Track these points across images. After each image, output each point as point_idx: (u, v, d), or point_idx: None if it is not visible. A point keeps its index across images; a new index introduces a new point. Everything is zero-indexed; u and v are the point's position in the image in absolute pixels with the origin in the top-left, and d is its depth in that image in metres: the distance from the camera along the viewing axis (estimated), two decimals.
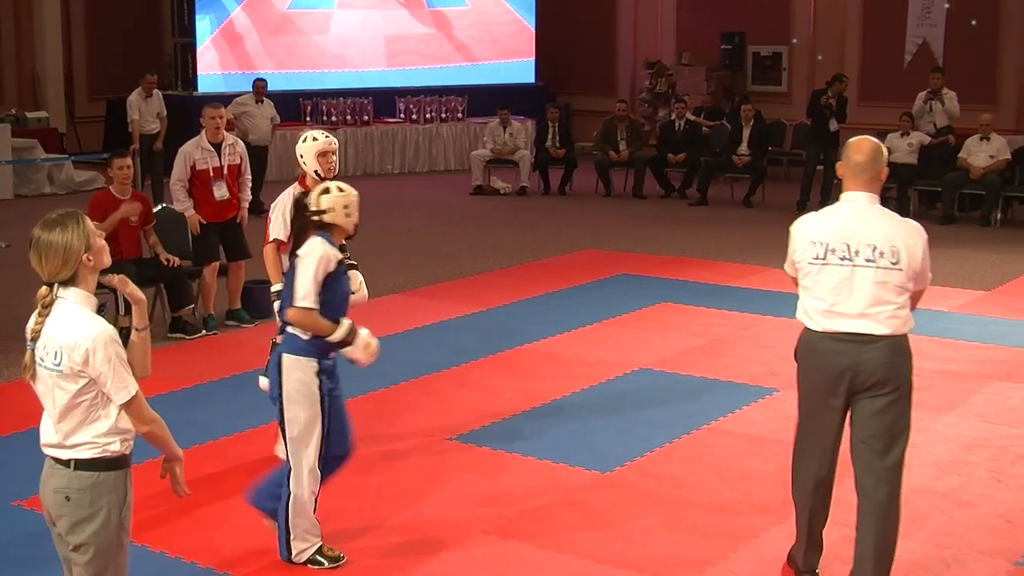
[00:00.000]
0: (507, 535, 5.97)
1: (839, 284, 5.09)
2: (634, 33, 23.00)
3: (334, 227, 5.56)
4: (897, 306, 5.09)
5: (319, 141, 6.77)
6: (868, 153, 5.19)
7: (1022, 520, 6.20)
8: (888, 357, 5.09)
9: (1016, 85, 19.36)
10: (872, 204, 5.17)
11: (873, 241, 5.08)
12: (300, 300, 5.42)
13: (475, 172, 18.15)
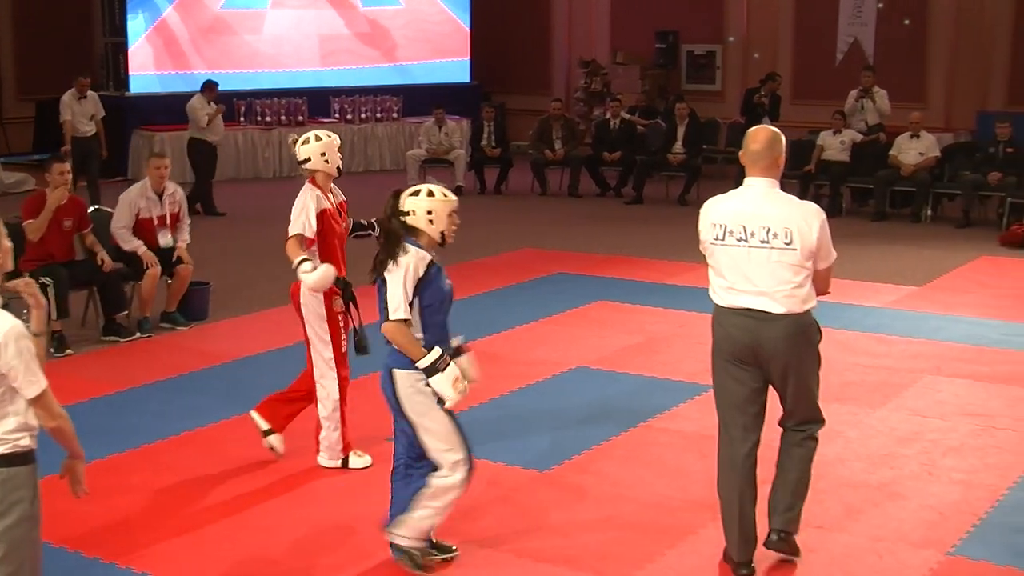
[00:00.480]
0: (446, 535, 5.95)
1: (736, 263, 5.38)
2: (569, 32, 23.05)
3: (419, 231, 5.41)
4: (794, 285, 5.31)
5: (333, 137, 6.83)
6: (763, 142, 5.46)
7: (953, 512, 6.28)
8: (789, 334, 5.33)
9: (944, 84, 19.62)
10: (770, 189, 5.43)
11: (767, 223, 5.32)
12: (392, 313, 5.28)
13: (410, 172, 18.12)
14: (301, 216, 6.66)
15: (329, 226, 6.75)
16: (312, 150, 6.76)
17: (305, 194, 6.72)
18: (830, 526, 6.11)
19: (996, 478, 6.74)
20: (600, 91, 21.16)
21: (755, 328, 5.34)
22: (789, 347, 5.33)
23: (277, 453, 7.00)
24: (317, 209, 6.67)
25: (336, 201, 6.90)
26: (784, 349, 5.33)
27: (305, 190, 6.75)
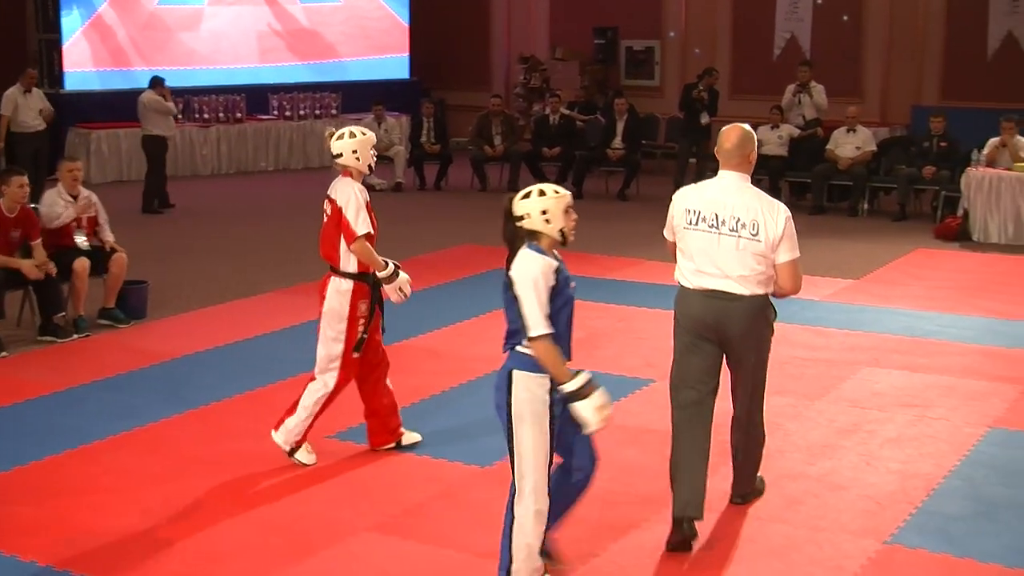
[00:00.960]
0: (388, 532, 5.96)
1: (706, 248, 5.80)
2: (508, 28, 23.06)
3: (538, 234, 5.23)
4: (756, 272, 5.76)
5: (368, 135, 6.86)
6: (736, 140, 5.89)
7: (891, 501, 6.35)
8: (749, 315, 5.80)
9: (880, 79, 19.82)
10: (741, 182, 5.86)
11: (737, 214, 5.76)
12: (533, 330, 5.05)
13: None
14: (360, 215, 6.71)
15: (371, 219, 6.82)
16: (345, 146, 6.78)
17: (352, 189, 6.76)
18: (770, 517, 6.16)
19: (932, 467, 6.83)
20: (539, 87, 21.18)
21: (720, 308, 5.77)
22: (750, 326, 5.82)
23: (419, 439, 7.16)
24: (366, 203, 6.74)
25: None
26: (745, 328, 5.81)
27: (348, 185, 6.79)
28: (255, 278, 11.67)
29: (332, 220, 6.81)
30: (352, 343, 6.82)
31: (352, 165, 6.80)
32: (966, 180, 14.31)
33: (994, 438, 7.34)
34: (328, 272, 6.89)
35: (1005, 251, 13.41)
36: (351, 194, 6.73)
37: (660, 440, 7.19)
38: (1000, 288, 11.60)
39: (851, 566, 5.61)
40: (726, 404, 6.12)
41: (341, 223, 6.74)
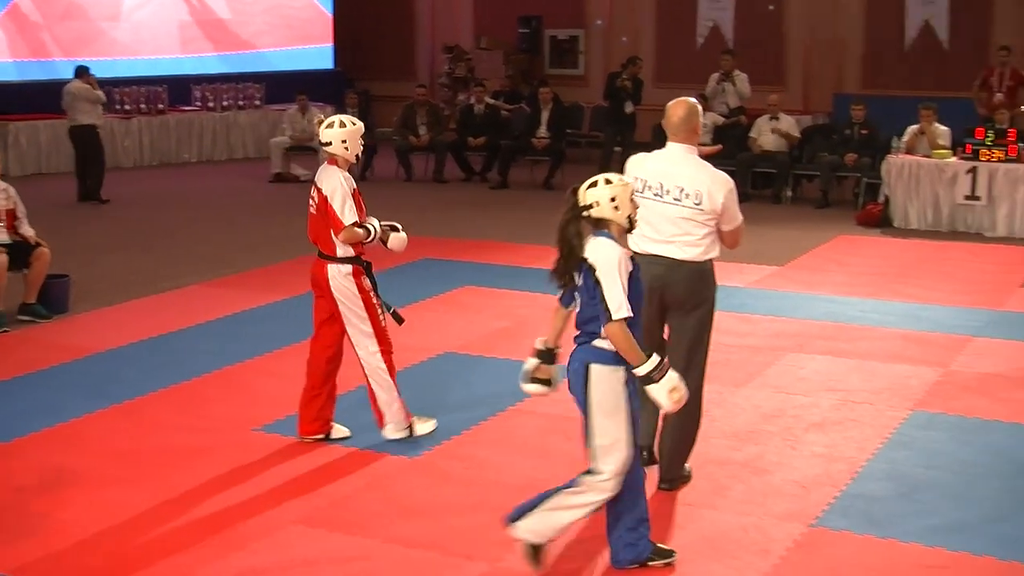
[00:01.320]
0: (315, 524, 5.93)
1: (649, 215, 6.00)
2: (432, 18, 23.00)
3: (608, 222, 5.25)
4: (698, 237, 6.08)
5: (357, 125, 6.97)
6: (682, 114, 6.17)
7: (816, 485, 6.41)
8: (690, 279, 6.12)
9: (802, 67, 20.02)
10: (687, 154, 6.15)
11: (681, 184, 6.06)
12: (616, 312, 5.07)
13: (274, 160, 17.95)
14: (346, 204, 6.80)
15: (358, 206, 6.90)
16: (334, 135, 6.87)
17: (337, 179, 6.85)
18: (698, 503, 6.20)
19: (855, 451, 6.91)
20: (464, 76, 21.15)
21: (662, 273, 6.06)
22: (691, 289, 6.13)
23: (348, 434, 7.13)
24: (352, 190, 6.85)
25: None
26: (686, 291, 6.12)
27: (334, 174, 6.87)
28: (178, 271, 11.55)
29: (320, 209, 6.90)
30: (375, 314, 6.97)
31: (340, 154, 6.89)
32: (887, 167, 14.49)
33: (915, 421, 7.44)
34: (320, 259, 7.00)
35: (925, 237, 13.60)
36: (336, 184, 6.82)
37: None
38: (920, 273, 11.76)
39: (777, 549, 5.66)
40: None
41: (328, 212, 6.82)
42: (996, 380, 8.30)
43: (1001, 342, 9.26)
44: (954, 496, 6.30)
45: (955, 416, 7.52)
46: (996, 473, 6.62)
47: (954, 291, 10.92)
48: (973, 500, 6.25)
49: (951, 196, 14.10)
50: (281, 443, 7.03)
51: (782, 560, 5.56)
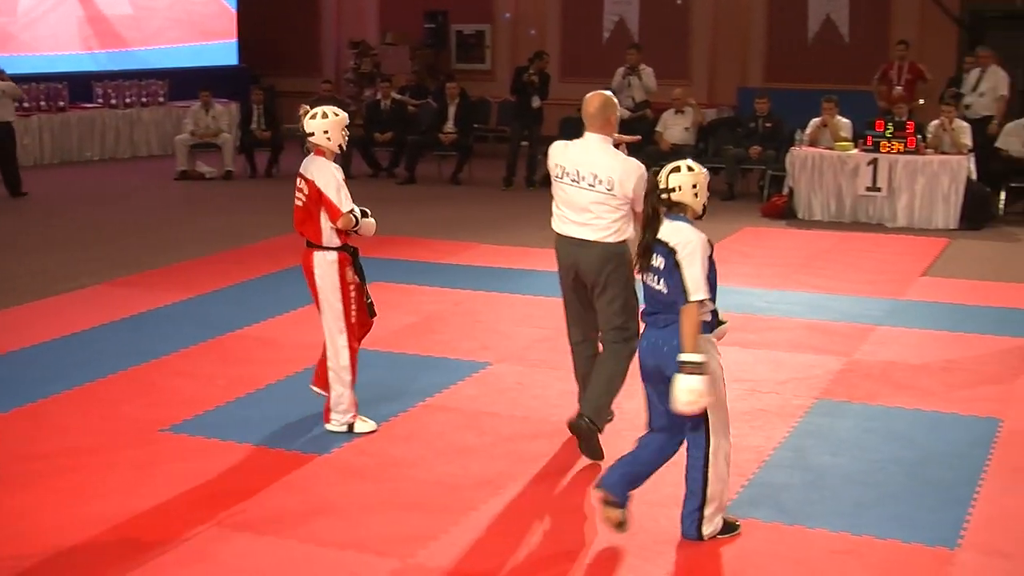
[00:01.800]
0: (226, 525, 5.87)
1: (567, 199, 6.60)
2: (337, 13, 22.89)
3: (686, 207, 5.52)
4: (609, 221, 6.49)
5: (340, 116, 7.09)
6: (597, 105, 6.57)
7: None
8: (600, 258, 6.53)
9: (707, 61, 20.20)
10: (602, 143, 6.55)
11: (595, 171, 6.48)
12: (695, 294, 5.35)
13: (179, 157, 17.75)
14: (341, 192, 6.95)
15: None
16: (317, 126, 6.99)
17: (329, 170, 6.98)
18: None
19: (762, 440, 6.99)
20: (370, 72, 21.04)
21: (576, 252, 6.59)
22: (601, 268, 6.53)
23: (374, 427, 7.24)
24: (342, 179, 7.00)
25: None
26: (597, 269, 6.54)
27: (324, 166, 7.00)
28: (82, 271, 11.37)
29: (311, 199, 6.99)
30: (348, 307, 7.08)
31: (324, 145, 7.01)
32: (790, 159, 14.70)
33: (820, 409, 7.55)
34: (308, 248, 7.09)
35: (828, 228, 13.80)
36: (329, 175, 6.96)
37: (496, 423, 7.26)
38: (824, 264, 11.93)
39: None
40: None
41: (322, 202, 6.95)
42: (898, 368, 8.45)
43: (903, 330, 9.43)
44: (859, 482, 6.41)
45: (859, 404, 7.65)
46: (899, 459, 6.75)
47: (857, 281, 11.09)
48: (877, 485, 6.37)
49: (853, 187, 14.33)
50: (190, 444, 6.95)
51: (693, 548, 5.61)
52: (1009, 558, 5.54)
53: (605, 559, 5.52)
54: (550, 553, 5.60)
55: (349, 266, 7.10)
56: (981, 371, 8.41)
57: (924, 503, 6.15)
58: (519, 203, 15.48)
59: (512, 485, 6.33)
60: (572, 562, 5.49)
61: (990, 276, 11.50)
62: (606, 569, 5.42)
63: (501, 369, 8.36)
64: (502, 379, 8.13)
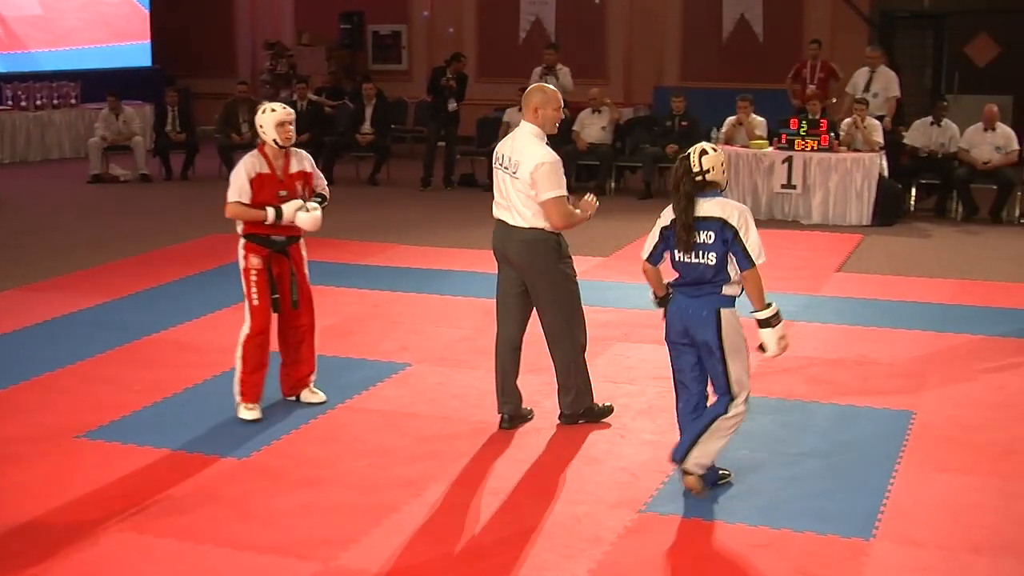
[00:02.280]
0: (144, 530, 5.80)
1: (499, 185, 6.99)
2: (252, 14, 22.74)
3: (717, 184, 6.02)
4: (528, 206, 6.82)
5: (277, 112, 7.29)
6: (526, 94, 6.95)
7: (644, 472, 6.52)
8: (521, 244, 6.87)
9: (623, 60, 20.31)
10: (527, 132, 6.86)
11: (517, 158, 6.81)
12: (757, 258, 5.97)
13: (92, 160, 17.52)
14: (234, 184, 7.23)
15: (265, 190, 7.22)
16: (256, 119, 7.33)
17: (242, 162, 7.29)
18: (528, 494, 6.24)
19: None
20: (286, 73, 20.94)
21: (503, 235, 6.97)
22: (527, 255, 6.87)
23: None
24: (250, 175, 7.19)
25: (288, 170, 7.37)
26: (524, 256, 6.89)
27: (244, 157, 7.32)
28: None
29: None
30: (250, 295, 7.29)
31: (262, 138, 7.30)
32: None
33: None
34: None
35: None
36: (238, 167, 7.30)
37: (416, 424, 7.24)
38: None
39: (608, 536, 5.74)
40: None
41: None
42: (814, 363, 8.55)
43: (819, 326, 9.54)
44: (776, 476, 6.47)
45: (775, 399, 7.72)
46: (815, 452, 6.83)
47: (773, 277, 11.09)
48: (794, 479, 6.44)
49: (768, 185, 14.49)
50: (106, 449, 6.86)
51: (613, 547, 5.64)
52: (922, 547, 5.63)
53: (526, 557, 5.52)
54: (471, 553, 5.60)
55: (254, 254, 7.28)
56: (894, 365, 8.54)
57: (840, 496, 6.23)
58: (437, 204, 15.46)
59: (433, 486, 6.32)
60: (493, 560, 5.49)
61: (902, 271, 11.69)
62: (528, 568, 5.43)
63: (421, 370, 8.34)
64: (422, 380, 8.12)
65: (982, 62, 19.33)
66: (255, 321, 7.30)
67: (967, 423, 7.34)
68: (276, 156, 7.30)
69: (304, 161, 7.50)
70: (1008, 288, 10.96)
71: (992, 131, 14.56)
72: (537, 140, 6.84)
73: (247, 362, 7.29)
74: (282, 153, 7.32)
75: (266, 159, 7.28)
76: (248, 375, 7.31)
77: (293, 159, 7.40)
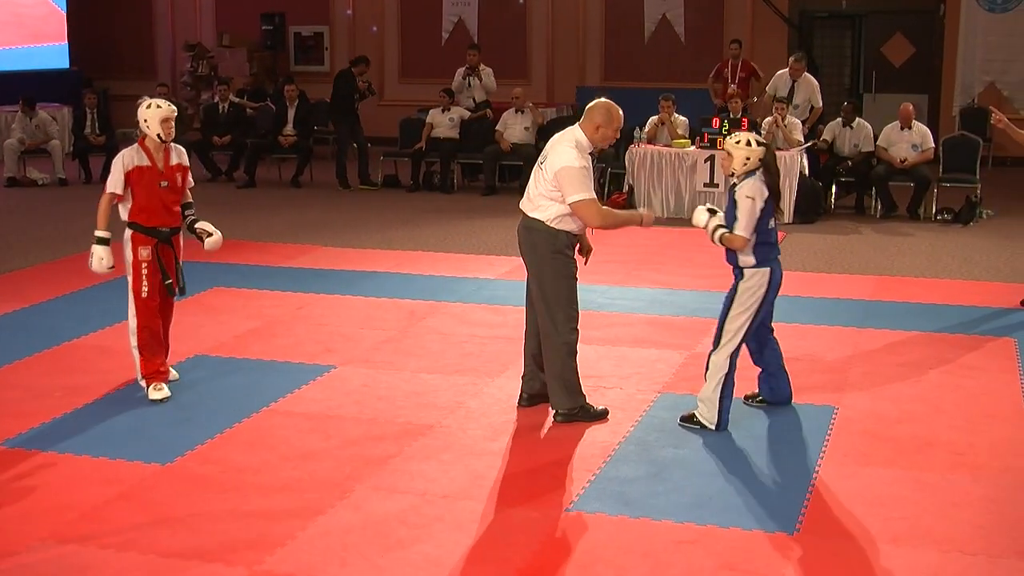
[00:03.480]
0: (65, 539, 5.72)
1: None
2: (172, 15, 22.53)
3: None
4: (536, 195, 7.15)
5: (162, 108, 7.51)
6: (594, 111, 7.28)
7: (571, 470, 6.53)
8: (524, 229, 7.25)
9: (545, 61, 20.37)
10: (571, 135, 7.19)
11: (551, 154, 7.11)
12: (739, 230, 7.03)
13: (8, 163, 17.26)
14: (111, 176, 7.52)
15: (145, 182, 7.51)
16: (140, 113, 7.53)
17: (120, 155, 7.54)
18: (456, 495, 6.24)
19: (608, 435, 7.07)
20: (207, 75, 20.79)
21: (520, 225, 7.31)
22: (525, 238, 7.24)
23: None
24: (127, 168, 7.47)
25: (169, 162, 7.63)
26: (522, 238, 7.28)
27: (123, 151, 7.57)
28: None
29: None
30: (137, 284, 7.61)
31: (143, 131, 7.52)
32: (629, 157, 14.90)
33: (664, 403, 7.67)
34: None
35: (668, 224, 14.00)
36: (116, 158, 7.57)
37: (342, 426, 7.21)
38: (664, 260, 12.12)
39: (536, 535, 5.74)
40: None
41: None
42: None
43: None
44: (702, 473, 6.52)
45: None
46: (740, 449, 6.89)
47: (696, 276, 11.29)
48: (720, 476, 6.49)
49: (691, 184, 14.60)
50: (25, 457, 6.75)
51: (541, 545, 5.65)
52: (846, 539, 5.70)
53: (453, 557, 5.52)
54: (397, 556, 5.58)
55: (142, 245, 7.58)
56: (816, 360, 8.64)
57: (764, 491, 6.29)
58: (360, 205, 15.42)
59: (359, 488, 6.30)
60: (421, 561, 5.48)
61: (823, 268, 11.82)
62: (456, 568, 5.42)
63: (346, 372, 8.31)
64: (347, 382, 8.08)
65: (898, 62, 19.61)
66: (144, 312, 7.66)
67: (887, 417, 7.44)
68: (157, 149, 7.57)
69: (183, 155, 7.77)
70: (925, 284, 11.13)
71: (908, 129, 14.76)
72: (574, 146, 7.07)
73: (145, 351, 7.69)
74: (162, 147, 7.58)
75: (146, 152, 7.55)
76: (149, 361, 7.70)
77: (173, 152, 7.68)
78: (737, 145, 7.07)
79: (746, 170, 7.05)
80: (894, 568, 5.43)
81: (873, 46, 19.73)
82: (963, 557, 5.54)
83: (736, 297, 7.12)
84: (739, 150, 7.05)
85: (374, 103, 18.64)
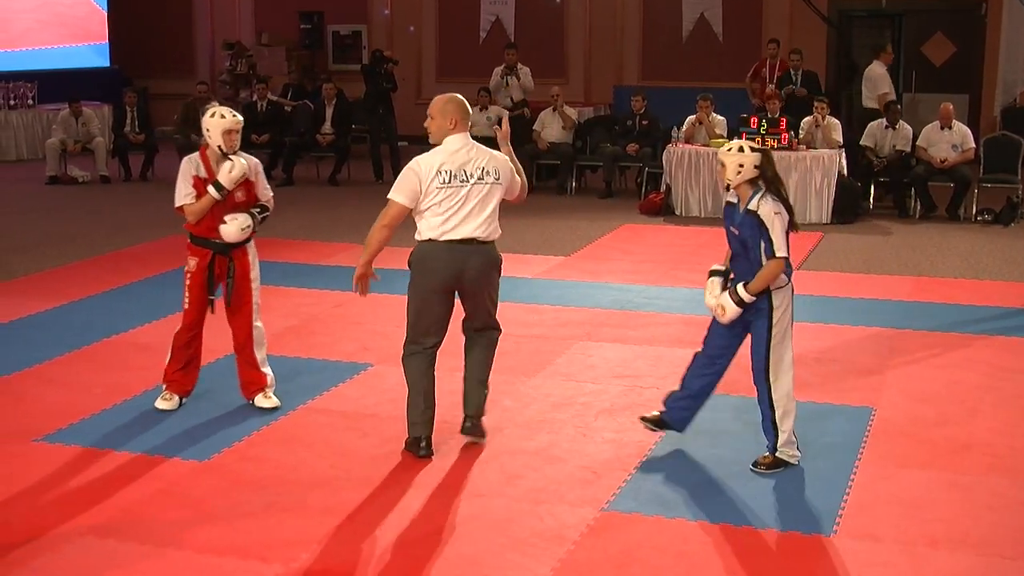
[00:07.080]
0: (105, 534, 5.77)
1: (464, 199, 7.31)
2: (211, 14, 22.64)
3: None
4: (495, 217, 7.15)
5: (226, 119, 7.21)
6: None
7: (607, 470, 6.54)
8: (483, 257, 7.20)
9: (583, 60, 20.36)
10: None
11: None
12: (780, 251, 6.37)
13: (50, 161, 17.39)
14: (179, 187, 7.30)
15: (199, 193, 7.25)
16: (204, 122, 7.26)
17: (183, 167, 7.30)
18: (490, 493, 6.25)
19: (644, 435, 7.06)
20: (246, 73, 20.87)
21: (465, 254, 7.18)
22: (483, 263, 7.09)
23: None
24: (191, 177, 7.22)
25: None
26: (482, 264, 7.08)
27: (183, 161, 7.33)
28: None
29: None
30: (185, 294, 7.46)
31: (206, 140, 7.24)
32: (667, 156, 14.87)
33: None
34: None
35: (705, 223, 13.97)
36: (180, 170, 7.31)
37: (378, 424, 7.23)
38: (701, 259, 12.03)
39: (571, 535, 5.75)
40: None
41: None
42: None
43: None
44: (738, 473, 6.50)
45: (737, 396, 7.73)
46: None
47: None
48: (755, 476, 6.46)
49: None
50: (66, 453, 6.81)
51: (576, 545, 5.65)
52: (880, 542, 5.68)
53: (490, 556, 5.53)
54: (433, 552, 5.60)
55: (192, 255, 7.41)
56: (854, 361, 8.60)
57: (801, 492, 6.27)
58: None
59: (395, 486, 6.32)
60: (456, 559, 5.49)
61: (860, 268, 11.76)
62: (491, 567, 5.43)
63: (382, 370, 8.33)
64: (383, 380, 8.10)
65: (939, 61, 19.49)
66: (185, 319, 7.50)
67: (925, 419, 7.40)
68: (217, 161, 7.24)
69: (250, 170, 7.39)
70: (964, 284, 11.05)
71: (948, 129, 14.66)
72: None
73: (174, 356, 7.53)
74: (223, 159, 7.24)
75: (204, 163, 7.27)
76: (173, 369, 7.53)
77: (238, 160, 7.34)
78: (729, 153, 6.57)
79: (741, 179, 6.53)
80: (931, 571, 5.40)
81: (913, 45, 19.60)
82: (1002, 561, 5.50)
83: (773, 326, 6.47)
84: (731, 158, 6.54)
85: (412, 101, 18.69)
